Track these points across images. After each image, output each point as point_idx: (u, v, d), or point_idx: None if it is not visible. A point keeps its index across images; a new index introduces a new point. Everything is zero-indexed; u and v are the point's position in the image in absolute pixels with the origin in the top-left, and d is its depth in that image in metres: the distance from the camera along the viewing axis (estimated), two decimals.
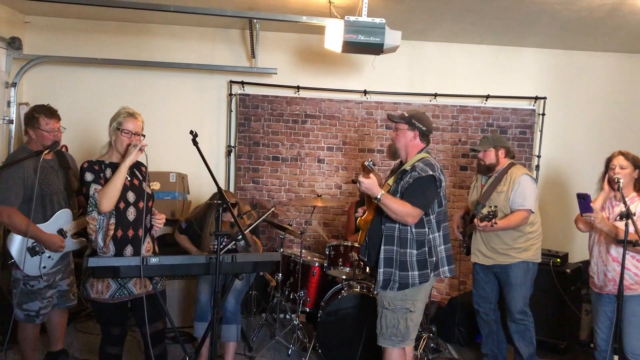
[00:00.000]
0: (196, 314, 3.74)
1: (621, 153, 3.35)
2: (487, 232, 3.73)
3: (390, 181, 3.17)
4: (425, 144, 3.13)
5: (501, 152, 3.83)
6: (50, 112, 3.36)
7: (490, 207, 3.55)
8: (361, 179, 2.91)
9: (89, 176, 2.77)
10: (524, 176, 3.73)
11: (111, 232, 2.79)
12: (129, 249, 2.85)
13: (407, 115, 3.12)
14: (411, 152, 3.11)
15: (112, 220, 2.80)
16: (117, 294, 2.83)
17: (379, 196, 2.90)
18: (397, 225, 3.00)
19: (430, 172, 2.94)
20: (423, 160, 3.02)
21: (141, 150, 2.83)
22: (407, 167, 3.05)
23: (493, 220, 3.47)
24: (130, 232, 2.86)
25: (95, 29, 5.16)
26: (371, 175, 2.92)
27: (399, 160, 3.23)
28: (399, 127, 3.13)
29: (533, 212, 3.71)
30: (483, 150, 3.84)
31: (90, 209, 2.77)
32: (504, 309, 3.89)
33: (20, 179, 3.18)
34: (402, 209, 2.92)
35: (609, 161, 3.39)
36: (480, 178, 3.98)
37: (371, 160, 2.91)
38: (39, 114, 3.32)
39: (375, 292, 3.16)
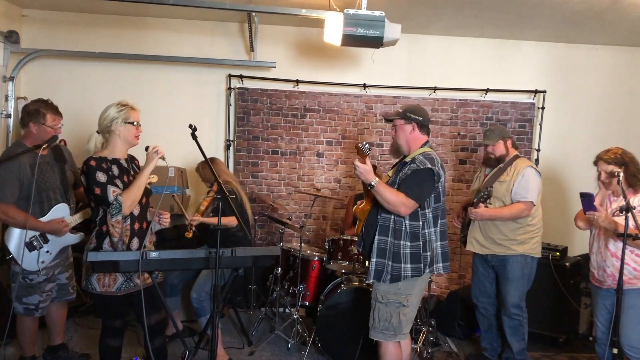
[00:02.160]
0: None
1: (601, 158, 3.26)
2: (481, 220, 3.74)
3: (390, 173, 3.17)
4: (425, 134, 3.14)
5: (509, 143, 3.86)
6: (56, 110, 3.41)
7: (486, 187, 3.57)
8: (357, 162, 2.88)
9: (101, 177, 2.77)
10: (528, 168, 3.73)
11: (128, 231, 2.85)
12: (134, 241, 2.89)
13: (401, 110, 3.14)
14: (413, 145, 3.11)
15: (128, 220, 2.87)
16: (124, 286, 2.85)
17: (373, 183, 2.88)
18: (392, 217, 2.99)
19: (429, 166, 2.94)
20: (424, 153, 3.03)
21: (162, 158, 2.89)
22: (407, 159, 3.06)
23: (487, 201, 3.49)
24: (136, 226, 2.91)
25: (93, 23, 5.13)
26: (367, 161, 2.90)
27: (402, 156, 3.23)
28: (396, 124, 3.15)
29: (535, 205, 3.71)
30: (492, 144, 3.84)
31: (114, 211, 2.78)
32: (500, 302, 3.89)
33: (16, 176, 3.17)
34: (395, 198, 2.90)
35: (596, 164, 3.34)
36: (484, 169, 3.99)
37: (366, 143, 2.85)
38: (47, 110, 3.35)
39: (366, 282, 3.15)
